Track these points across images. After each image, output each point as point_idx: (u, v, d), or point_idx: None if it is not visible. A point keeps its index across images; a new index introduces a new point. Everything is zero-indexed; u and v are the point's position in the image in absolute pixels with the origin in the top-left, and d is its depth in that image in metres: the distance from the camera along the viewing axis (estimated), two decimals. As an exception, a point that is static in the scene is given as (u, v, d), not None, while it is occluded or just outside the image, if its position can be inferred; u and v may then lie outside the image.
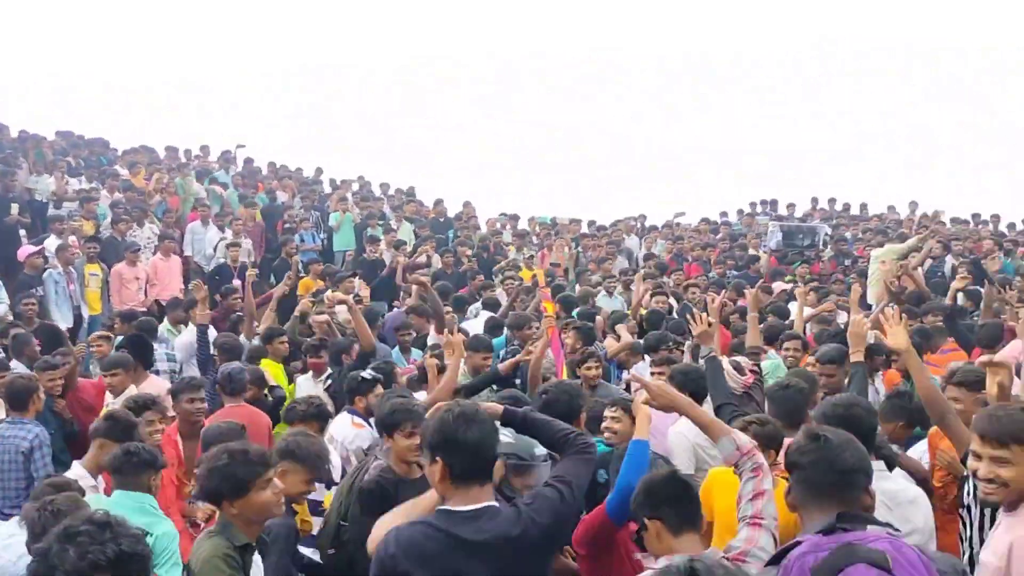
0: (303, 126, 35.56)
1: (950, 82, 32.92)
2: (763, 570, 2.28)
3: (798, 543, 2.16)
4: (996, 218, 16.72)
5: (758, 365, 5.32)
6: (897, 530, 2.27)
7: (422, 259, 12.86)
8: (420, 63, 36.57)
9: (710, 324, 5.27)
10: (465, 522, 2.50)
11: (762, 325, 7.35)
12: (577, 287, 11.51)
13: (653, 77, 36.21)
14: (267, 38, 38.32)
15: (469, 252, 13.77)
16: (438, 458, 2.56)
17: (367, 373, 5.30)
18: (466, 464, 2.55)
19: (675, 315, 8.93)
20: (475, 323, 8.98)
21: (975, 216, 17.06)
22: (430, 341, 7.94)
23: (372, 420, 4.81)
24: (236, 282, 10.43)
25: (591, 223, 17.76)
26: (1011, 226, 16.69)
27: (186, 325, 8.48)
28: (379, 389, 5.18)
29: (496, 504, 2.60)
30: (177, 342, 8.16)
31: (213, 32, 35.37)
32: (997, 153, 29.72)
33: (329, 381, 6.70)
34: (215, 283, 10.51)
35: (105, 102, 29.43)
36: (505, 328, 8.04)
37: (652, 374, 5.54)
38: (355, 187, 18.14)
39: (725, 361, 4.81)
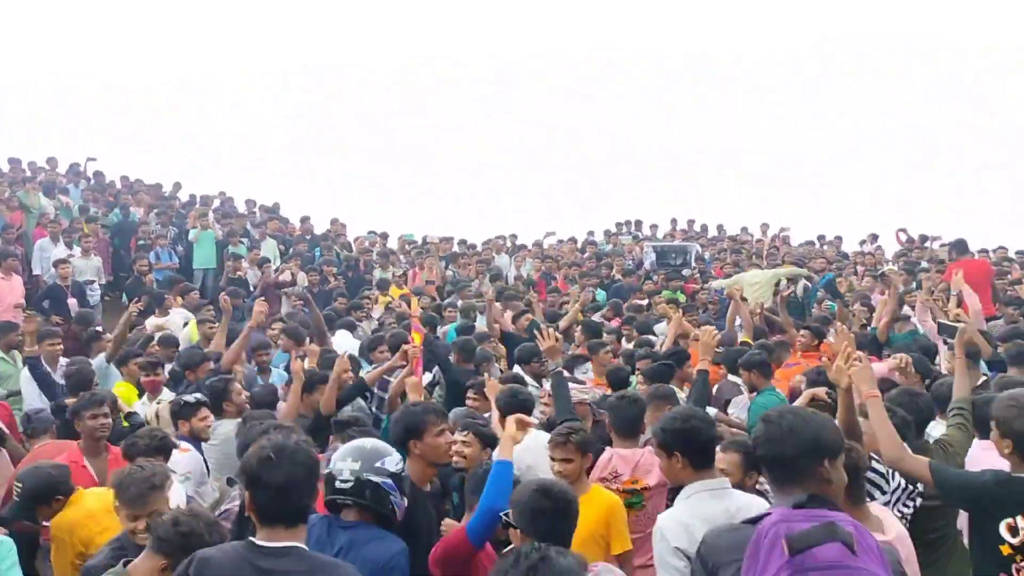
0: (302, 126, 35.87)
1: (950, 82, 33.12)
2: (740, 525, 2.36)
3: (764, 514, 2.25)
4: (839, 240, 17.82)
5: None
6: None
7: (286, 277, 12.54)
8: (420, 63, 36.23)
9: (557, 339, 5.37)
10: (267, 557, 2.42)
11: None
12: (460, 302, 11.54)
13: (653, 77, 36.14)
14: (266, 38, 38.01)
15: (335, 270, 13.55)
16: (246, 491, 2.50)
17: (190, 397, 5.14)
18: (270, 505, 2.46)
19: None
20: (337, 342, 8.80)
21: (820, 237, 18.13)
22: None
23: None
24: (71, 301, 9.90)
25: (462, 242, 17.78)
26: (862, 242, 17.71)
27: (20, 350, 7.89)
28: (204, 412, 5.02)
29: (302, 547, 2.49)
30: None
31: (211, 32, 34.72)
32: (997, 153, 30.30)
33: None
34: (50, 305, 9.94)
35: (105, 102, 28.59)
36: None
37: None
38: (216, 203, 17.53)
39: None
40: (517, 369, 7.08)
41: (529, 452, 4.24)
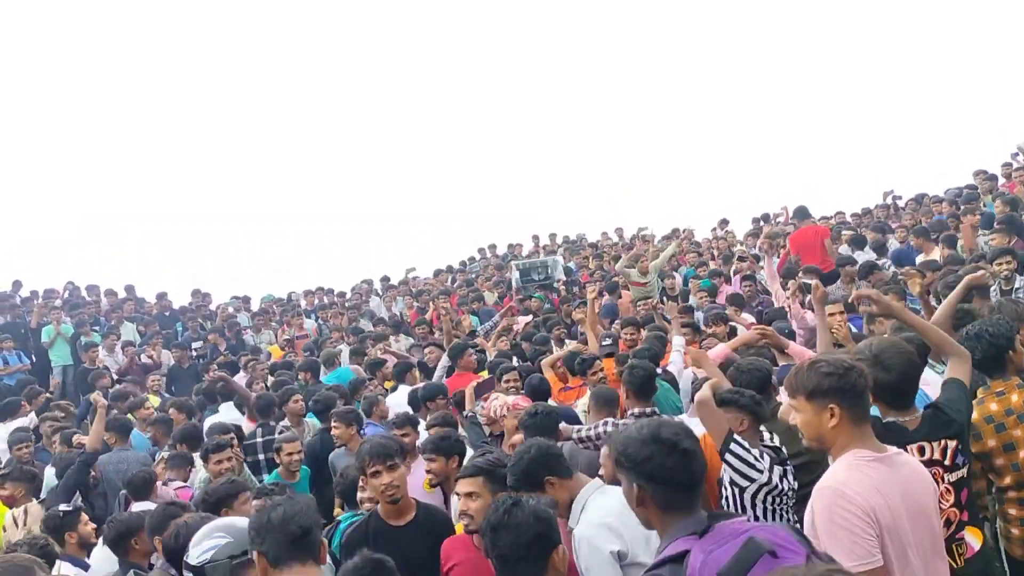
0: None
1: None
2: (657, 572, 2.26)
3: (683, 552, 2.19)
4: (690, 231, 18.60)
5: None
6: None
7: (149, 359, 12.01)
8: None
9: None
10: None
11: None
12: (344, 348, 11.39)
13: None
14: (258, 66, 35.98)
15: (220, 339, 13.18)
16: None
17: (65, 507, 4.90)
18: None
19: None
20: (223, 414, 8.50)
21: (674, 230, 18.85)
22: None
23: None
24: None
25: (328, 291, 17.51)
26: (713, 229, 18.53)
27: None
28: (84, 517, 4.82)
29: None
30: None
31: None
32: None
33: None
34: None
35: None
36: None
37: None
38: (66, 294, 16.64)
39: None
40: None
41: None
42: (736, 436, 3.67)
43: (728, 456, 3.65)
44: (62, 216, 30.80)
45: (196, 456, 6.34)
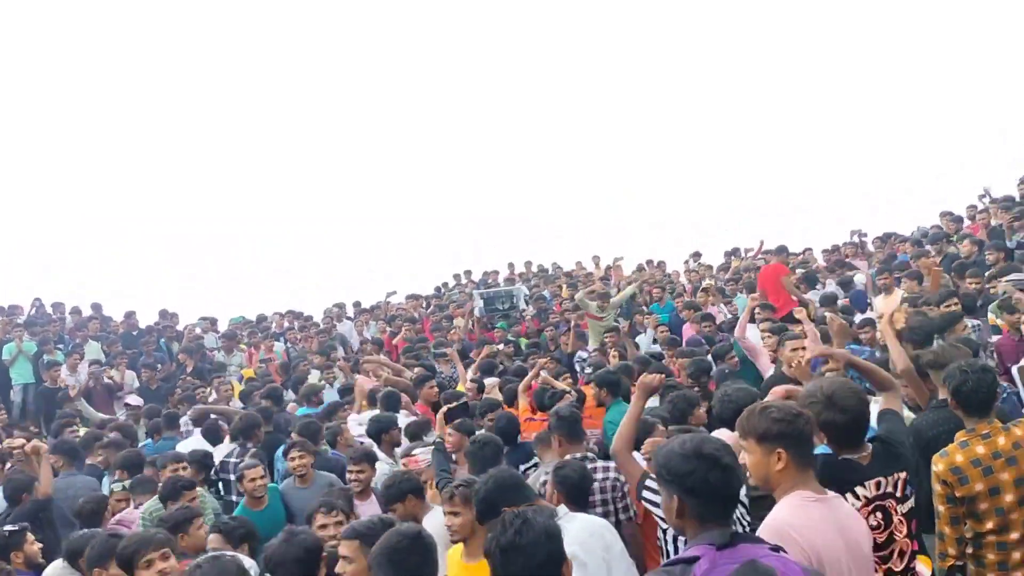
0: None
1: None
2: (663, 570, 2.38)
3: (695, 557, 2.28)
4: (663, 263, 18.74)
5: None
6: (783, 549, 2.40)
7: (110, 379, 11.86)
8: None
9: None
10: None
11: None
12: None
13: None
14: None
15: (189, 359, 13.05)
16: None
17: (11, 527, 4.84)
18: None
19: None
20: (191, 441, 8.35)
21: (648, 262, 18.98)
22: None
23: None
24: None
25: (299, 314, 17.41)
26: (686, 261, 18.66)
27: None
28: (31, 537, 4.76)
29: None
30: None
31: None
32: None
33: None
34: None
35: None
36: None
37: None
38: (32, 311, 16.40)
39: None
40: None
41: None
42: (650, 478, 3.75)
43: (645, 497, 3.81)
44: (62, 216, 30.71)
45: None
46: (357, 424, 7.76)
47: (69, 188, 31.15)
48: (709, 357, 8.24)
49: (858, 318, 8.83)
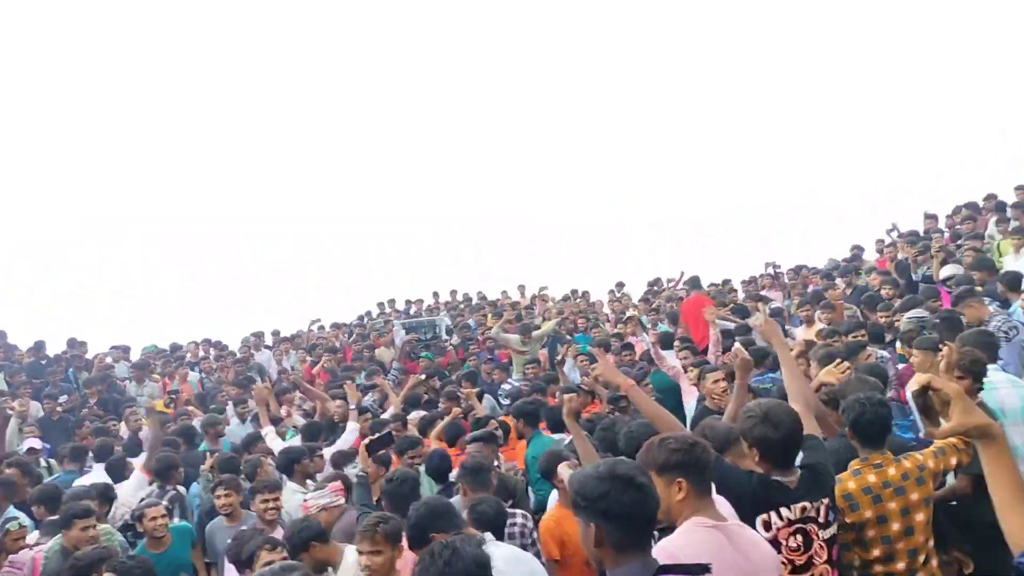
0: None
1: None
2: None
3: None
4: (587, 293, 18.96)
5: None
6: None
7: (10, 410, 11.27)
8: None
9: None
10: None
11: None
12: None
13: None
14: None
15: (96, 392, 12.53)
16: None
17: None
18: None
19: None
20: (94, 475, 7.92)
21: (573, 292, 19.18)
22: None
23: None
24: None
25: (215, 343, 16.97)
26: (611, 291, 18.89)
27: None
28: None
29: None
30: None
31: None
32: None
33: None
34: None
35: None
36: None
37: None
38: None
39: None
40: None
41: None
42: None
43: None
44: (62, 216, 30.23)
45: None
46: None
47: (69, 188, 30.91)
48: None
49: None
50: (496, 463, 6.35)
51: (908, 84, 29.75)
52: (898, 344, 7.79)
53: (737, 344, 5.10)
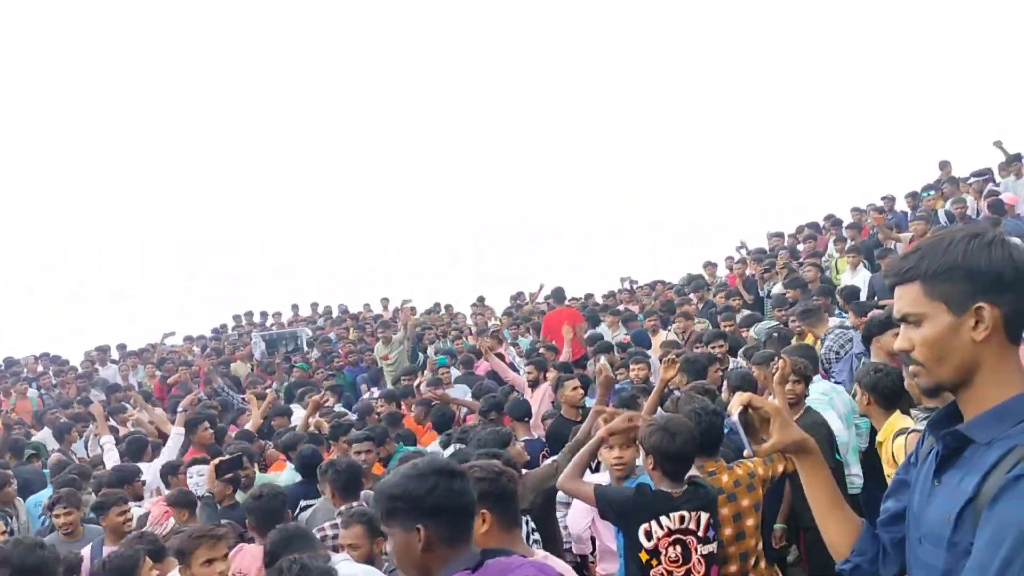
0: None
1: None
2: None
3: None
4: (450, 307, 19.02)
5: None
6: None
7: None
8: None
9: None
10: None
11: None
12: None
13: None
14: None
15: None
16: None
17: None
18: None
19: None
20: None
21: (437, 305, 19.16)
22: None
23: None
24: None
25: (54, 358, 15.90)
26: (473, 305, 18.99)
27: None
28: None
29: None
30: None
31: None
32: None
33: None
34: None
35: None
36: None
37: None
38: None
39: None
40: None
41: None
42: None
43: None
44: (62, 216, 30.17)
45: None
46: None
47: (69, 188, 30.85)
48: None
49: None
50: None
51: (908, 84, 31.32)
52: (741, 359, 8.17)
53: (603, 360, 5.16)
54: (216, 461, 6.31)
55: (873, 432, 5.13)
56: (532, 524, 4.19)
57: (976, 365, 1.63)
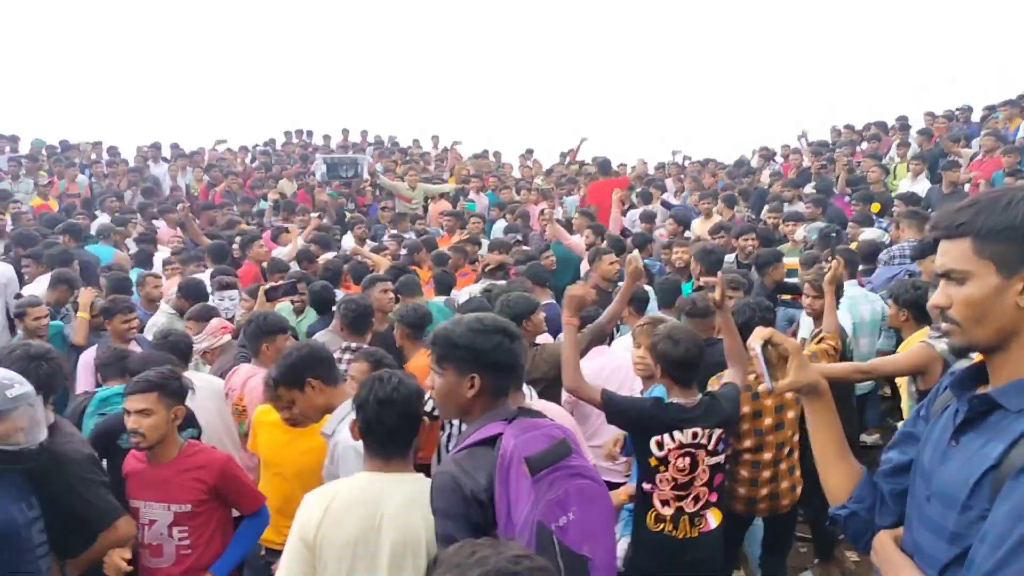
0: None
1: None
2: (471, 451, 2.29)
3: (497, 433, 2.25)
4: (499, 154, 18.82)
5: None
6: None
7: None
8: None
9: None
10: None
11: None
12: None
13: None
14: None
15: None
16: None
17: None
18: None
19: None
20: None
21: (485, 151, 18.98)
22: None
23: None
24: None
25: (110, 148, 16.15)
26: (525, 155, 18.86)
27: None
28: None
29: None
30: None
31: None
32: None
33: None
34: None
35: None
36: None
37: None
38: None
39: None
40: None
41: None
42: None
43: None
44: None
45: None
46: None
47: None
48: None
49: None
50: None
51: (907, 85, 29.94)
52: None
53: (635, 252, 5.13)
54: (266, 286, 6.53)
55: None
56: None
57: (1015, 331, 1.58)
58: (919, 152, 11.63)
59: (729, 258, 7.64)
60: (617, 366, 4.84)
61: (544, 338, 5.21)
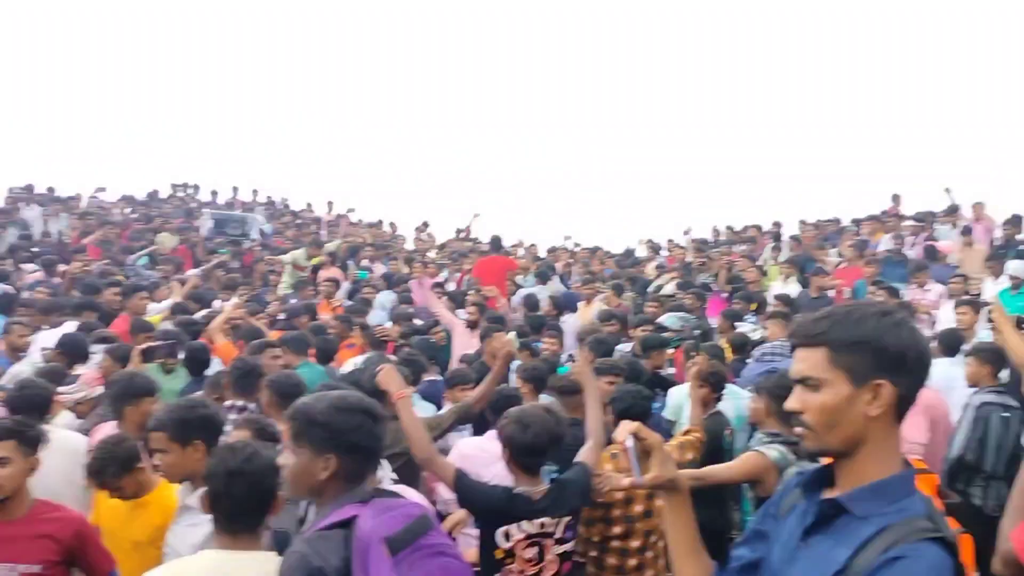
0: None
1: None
2: (322, 534, 2.16)
3: (352, 516, 2.16)
4: (394, 225, 18.87)
5: None
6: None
7: None
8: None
9: None
10: None
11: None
12: None
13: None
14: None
15: None
16: None
17: None
18: None
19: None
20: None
21: (379, 221, 18.97)
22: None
23: None
24: None
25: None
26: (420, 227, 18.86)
27: None
28: None
29: None
30: None
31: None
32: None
33: None
34: None
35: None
36: None
37: None
38: None
39: None
40: None
41: None
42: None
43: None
44: None
45: None
46: None
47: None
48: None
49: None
50: None
51: (907, 89, 32.23)
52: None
53: (511, 334, 5.14)
54: (143, 347, 6.19)
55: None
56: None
57: (863, 439, 1.65)
58: (790, 256, 12.27)
59: (625, 347, 7.72)
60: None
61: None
